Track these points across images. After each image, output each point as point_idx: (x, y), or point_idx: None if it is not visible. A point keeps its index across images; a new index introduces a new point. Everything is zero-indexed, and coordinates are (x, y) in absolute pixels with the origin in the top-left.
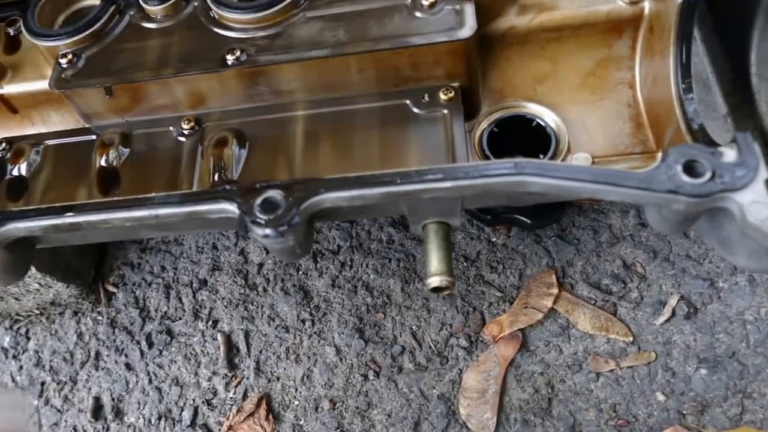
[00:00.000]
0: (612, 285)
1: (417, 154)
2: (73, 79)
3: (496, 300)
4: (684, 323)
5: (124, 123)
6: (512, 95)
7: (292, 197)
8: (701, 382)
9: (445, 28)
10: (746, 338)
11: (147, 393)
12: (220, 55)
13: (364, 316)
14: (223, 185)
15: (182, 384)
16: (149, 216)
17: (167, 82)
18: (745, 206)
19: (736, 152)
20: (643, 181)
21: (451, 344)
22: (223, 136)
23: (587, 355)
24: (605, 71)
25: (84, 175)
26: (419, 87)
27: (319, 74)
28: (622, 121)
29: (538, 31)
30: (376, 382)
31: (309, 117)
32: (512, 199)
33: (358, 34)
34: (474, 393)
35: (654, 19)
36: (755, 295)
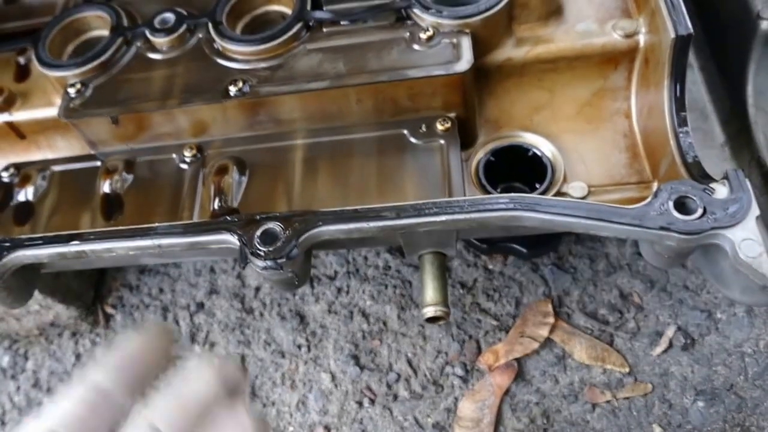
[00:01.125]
0: (608, 315)
1: (413, 184)
2: (81, 108)
3: (492, 328)
4: (681, 354)
5: (128, 150)
6: (509, 125)
7: (290, 229)
8: (699, 414)
9: (442, 62)
10: (744, 371)
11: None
12: (223, 86)
13: (359, 343)
14: (223, 212)
15: None
16: (152, 246)
17: (171, 112)
18: (737, 243)
19: (728, 189)
20: (635, 218)
21: (446, 372)
22: (224, 164)
23: (583, 386)
24: (601, 102)
25: (88, 201)
26: (416, 117)
27: (318, 105)
28: (619, 151)
29: (534, 63)
30: (371, 409)
31: (308, 146)
32: (507, 230)
33: (357, 67)
34: (469, 422)
35: (649, 52)
36: (754, 327)
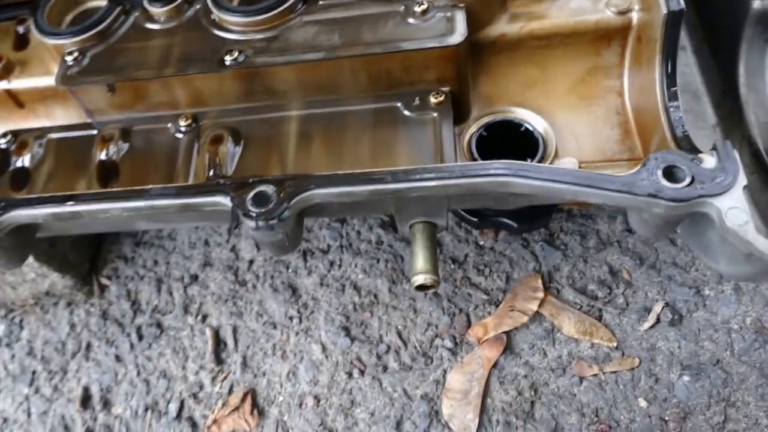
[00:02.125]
0: (598, 290)
1: (406, 156)
2: (78, 76)
3: (482, 302)
4: (669, 330)
5: (124, 119)
6: (502, 100)
7: (283, 192)
8: (684, 389)
9: (436, 34)
10: (731, 346)
11: (135, 385)
12: (218, 56)
13: (351, 315)
14: (217, 180)
15: (170, 377)
16: (146, 207)
17: (167, 81)
18: (724, 211)
19: (716, 159)
20: (624, 185)
21: (436, 345)
22: (219, 134)
23: (571, 359)
24: (594, 79)
25: (84, 168)
26: (411, 90)
27: (313, 76)
28: (610, 128)
29: (528, 39)
30: (360, 380)
31: (303, 117)
32: (498, 200)
33: (352, 39)
34: (457, 394)
35: (642, 29)
36: (741, 304)
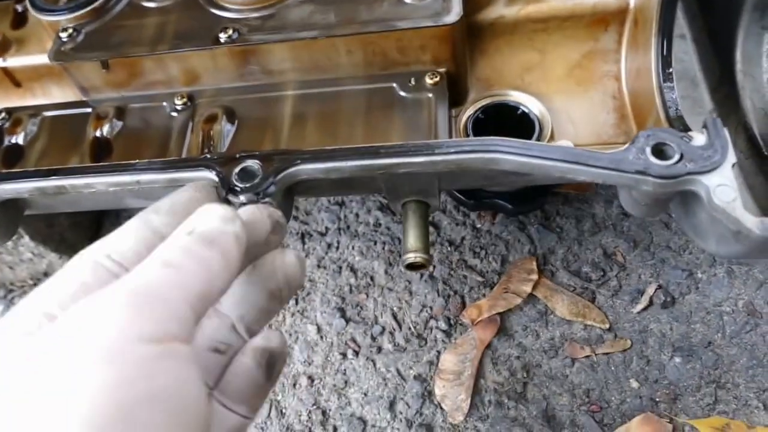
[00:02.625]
0: (592, 273)
1: (400, 137)
2: (72, 52)
3: (477, 284)
4: (661, 312)
5: (119, 97)
6: (499, 84)
7: (269, 167)
8: (675, 370)
9: (431, 14)
10: (722, 329)
11: None
12: (213, 33)
13: (346, 297)
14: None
15: None
16: (131, 181)
17: (162, 59)
18: (712, 189)
19: (706, 137)
20: (612, 162)
21: (430, 326)
22: (214, 113)
23: (564, 341)
24: (592, 63)
25: (78, 146)
26: (406, 71)
27: (308, 55)
28: (607, 112)
29: (525, 22)
30: (354, 361)
31: (298, 97)
32: (490, 179)
33: (347, 18)
34: (450, 374)
35: (638, 12)
36: (733, 287)
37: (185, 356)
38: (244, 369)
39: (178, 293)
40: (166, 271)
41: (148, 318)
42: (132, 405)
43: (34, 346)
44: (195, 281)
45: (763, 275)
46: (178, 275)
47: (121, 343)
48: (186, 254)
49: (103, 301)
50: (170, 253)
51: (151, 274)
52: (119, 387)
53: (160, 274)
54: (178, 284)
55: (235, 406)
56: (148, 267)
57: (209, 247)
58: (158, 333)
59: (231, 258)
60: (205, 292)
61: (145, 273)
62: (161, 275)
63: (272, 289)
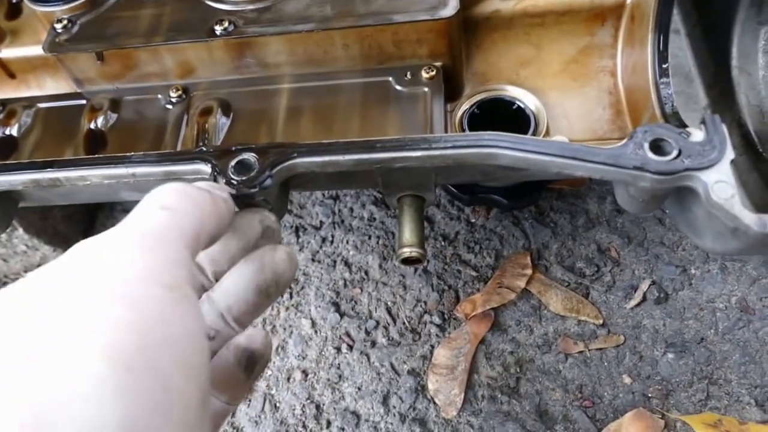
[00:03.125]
0: (585, 268)
1: (396, 131)
2: (67, 43)
3: (471, 279)
4: (654, 308)
5: (114, 89)
6: (495, 78)
7: (265, 160)
8: (668, 366)
9: (428, 7)
10: (715, 325)
11: None
12: (209, 25)
13: (341, 291)
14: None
15: None
16: (126, 174)
17: (157, 51)
18: (710, 185)
19: (704, 133)
20: (609, 157)
21: (424, 321)
22: (209, 105)
23: (557, 336)
24: (588, 59)
25: (72, 138)
26: (402, 65)
27: (304, 48)
28: (602, 108)
29: (522, 16)
30: (348, 355)
31: (294, 90)
32: (486, 174)
33: (343, 11)
34: (443, 369)
35: (635, 8)
36: (726, 284)
37: (195, 303)
38: (224, 363)
39: (179, 237)
40: (164, 213)
41: (161, 262)
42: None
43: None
44: (189, 222)
45: (757, 272)
46: (175, 217)
47: (140, 286)
48: (179, 195)
49: (117, 245)
50: (164, 196)
51: (153, 218)
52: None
53: (160, 217)
54: (177, 227)
55: (217, 394)
56: (148, 211)
57: (200, 191)
58: (172, 278)
59: (220, 205)
60: (198, 232)
61: (147, 217)
62: (162, 219)
63: (260, 284)
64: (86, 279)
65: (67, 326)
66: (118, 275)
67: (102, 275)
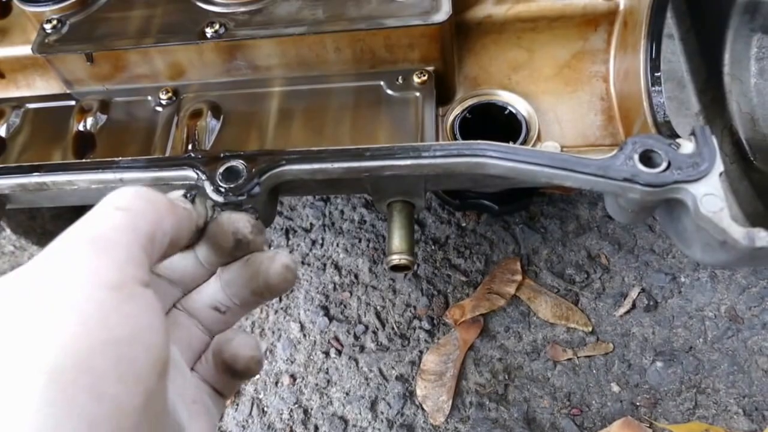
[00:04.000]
0: (575, 275)
1: (387, 135)
2: (56, 44)
3: (460, 284)
4: (643, 316)
5: (104, 91)
6: (487, 83)
7: (254, 168)
8: (656, 374)
9: (420, 12)
10: (704, 334)
11: None
12: (199, 28)
13: (330, 294)
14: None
15: None
16: (114, 179)
17: (147, 52)
18: (699, 198)
19: (694, 145)
20: (599, 169)
21: (413, 326)
22: (199, 108)
23: (546, 343)
24: (580, 64)
25: (61, 139)
26: (394, 70)
27: (295, 51)
28: (594, 114)
29: (514, 21)
30: (337, 360)
31: (284, 94)
32: (476, 182)
33: (335, 14)
34: (432, 375)
35: (628, 14)
36: (716, 292)
37: (145, 299)
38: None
39: (132, 236)
40: (118, 213)
41: (108, 263)
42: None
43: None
44: (144, 222)
45: (746, 280)
46: (128, 217)
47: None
48: (135, 196)
49: (64, 249)
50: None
51: (106, 219)
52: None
53: (114, 218)
54: (129, 226)
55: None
56: (103, 211)
57: (157, 194)
58: (119, 278)
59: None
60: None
61: (101, 218)
62: (115, 219)
63: (254, 289)
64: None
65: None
66: (61, 282)
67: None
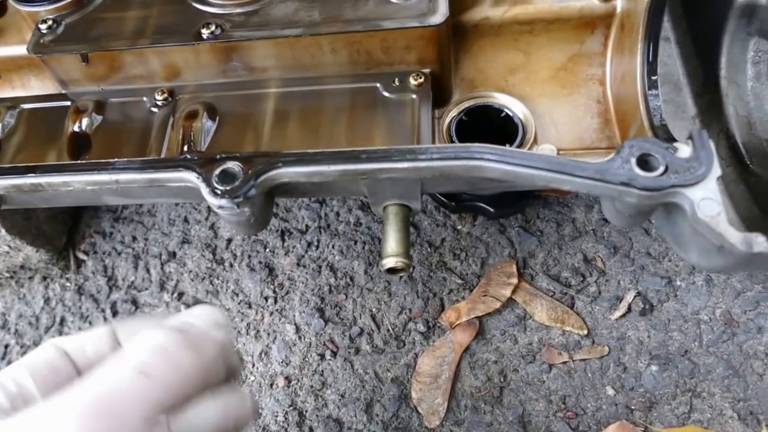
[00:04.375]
0: (571, 278)
1: (383, 137)
2: (52, 44)
3: (456, 287)
4: (639, 319)
5: (99, 91)
6: (484, 85)
7: (250, 170)
8: (652, 378)
9: (417, 14)
10: (699, 337)
11: None
12: (195, 28)
13: (326, 296)
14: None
15: None
16: (109, 180)
17: (143, 53)
18: (696, 202)
19: (691, 149)
20: (597, 172)
21: (409, 328)
22: (195, 109)
23: (542, 346)
24: (577, 66)
25: (56, 140)
26: (391, 71)
27: (292, 53)
28: (591, 117)
29: (511, 24)
30: (332, 362)
31: (281, 95)
32: (473, 185)
33: (332, 16)
34: (427, 378)
35: (625, 17)
36: (711, 296)
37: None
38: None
39: (139, 406)
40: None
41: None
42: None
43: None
44: (164, 395)
45: (742, 284)
46: (150, 388)
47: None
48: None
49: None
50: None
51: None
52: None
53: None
54: (143, 396)
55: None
56: (119, 371)
57: (195, 356)
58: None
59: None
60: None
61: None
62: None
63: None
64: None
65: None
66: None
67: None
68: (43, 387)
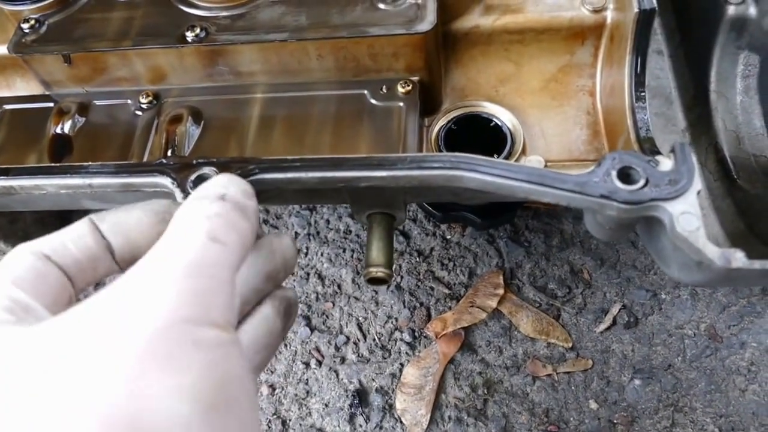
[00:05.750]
0: (557, 289)
1: (368, 145)
2: (33, 44)
3: (443, 297)
4: (624, 332)
5: (83, 93)
6: (474, 94)
7: None
8: (634, 392)
9: (404, 21)
10: (683, 352)
11: None
12: (180, 31)
13: (313, 304)
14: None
15: None
16: (83, 184)
17: (127, 55)
18: (675, 216)
19: (673, 162)
20: (577, 185)
21: (395, 338)
22: (179, 113)
23: (526, 358)
24: (567, 77)
25: (37, 142)
26: (378, 79)
27: (278, 58)
28: (580, 128)
29: (501, 33)
30: (317, 371)
31: (266, 100)
32: (457, 195)
33: (318, 21)
34: (411, 388)
35: (615, 28)
36: (696, 310)
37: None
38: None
39: (229, 275)
40: (215, 246)
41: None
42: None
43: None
44: (236, 257)
45: (726, 299)
46: (225, 252)
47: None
48: (229, 227)
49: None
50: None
51: (202, 251)
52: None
53: (211, 252)
54: (226, 262)
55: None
56: (196, 240)
57: (244, 218)
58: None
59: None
60: (237, 266)
61: (196, 248)
62: (212, 253)
63: (269, 271)
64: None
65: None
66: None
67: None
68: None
